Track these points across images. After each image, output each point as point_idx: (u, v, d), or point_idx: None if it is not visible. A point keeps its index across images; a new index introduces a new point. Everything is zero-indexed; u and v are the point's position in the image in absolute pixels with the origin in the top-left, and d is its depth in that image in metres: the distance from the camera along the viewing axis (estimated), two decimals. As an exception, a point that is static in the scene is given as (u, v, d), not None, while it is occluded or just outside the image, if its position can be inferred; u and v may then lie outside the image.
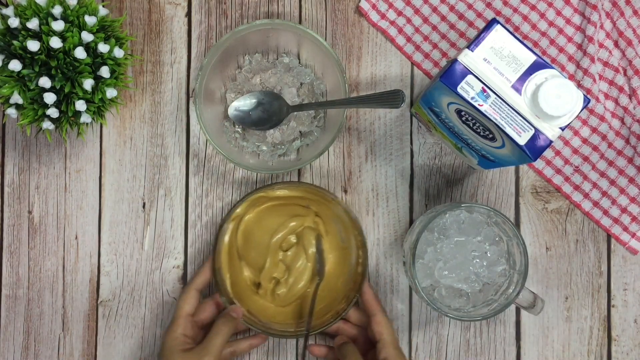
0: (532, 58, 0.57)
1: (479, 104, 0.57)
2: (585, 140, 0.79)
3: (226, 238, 0.76)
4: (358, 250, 0.76)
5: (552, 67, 0.58)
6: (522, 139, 0.57)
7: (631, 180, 0.78)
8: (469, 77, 0.57)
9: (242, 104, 0.76)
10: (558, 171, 0.79)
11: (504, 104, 0.57)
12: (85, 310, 0.79)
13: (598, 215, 0.79)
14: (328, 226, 0.77)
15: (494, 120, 0.57)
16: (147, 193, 0.79)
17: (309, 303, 0.74)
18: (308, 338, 0.72)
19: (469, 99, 0.57)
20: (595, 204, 0.78)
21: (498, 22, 0.58)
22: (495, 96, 0.57)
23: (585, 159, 0.79)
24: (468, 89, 0.57)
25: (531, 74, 0.57)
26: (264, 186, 0.75)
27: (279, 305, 0.77)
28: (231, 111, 0.76)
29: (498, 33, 0.58)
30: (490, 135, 0.60)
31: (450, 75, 0.58)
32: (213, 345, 0.69)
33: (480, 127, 0.60)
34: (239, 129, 0.79)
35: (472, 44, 0.58)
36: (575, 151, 0.79)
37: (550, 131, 0.57)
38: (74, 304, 0.79)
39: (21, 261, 0.79)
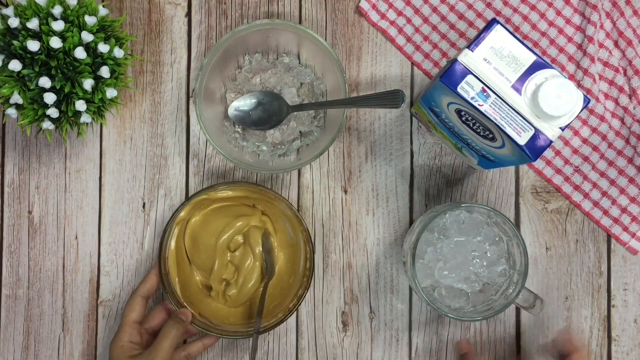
0: (532, 58, 0.57)
1: (479, 104, 0.57)
2: (585, 140, 0.79)
3: (173, 243, 0.75)
4: (305, 245, 0.75)
5: (552, 67, 0.58)
6: (522, 139, 0.57)
7: (631, 180, 0.78)
8: (469, 77, 0.57)
9: (242, 104, 0.76)
10: (558, 171, 0.79)
11: (504, 104, 0.57)
12: (85, 310, 0.79)
13: (598, 215, 0.79)
14: (276, 224, 0.77)
15: (494, 120, 0.57)
16: (147, 193, 0.79)
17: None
18: (258, 338, 0.72)
19: (469, 99, 0.57)
20: (595, 204, 0.78)
21: (498, 22, 0.58)
22: (495, 96, 0.57)
23: (585, 159, 0.79)
24: (468, 89, 0.57)
25: (531, 74, 0.57)
26: (205, 188, 0.74)
27: (232, 306, 0.76)
28: (231, 111, 0.76)
29: (498, 33, 0.58)
30: (490, 135, 0.60)
31: (450, 75, 0.58)
32: (161, 349, 0.69)
33: (480, 127, 0.60)
34: (239, 129, 0.79)
35: (472, 44, 0.58)
36: (575, 151, 0.79)
37: (550, 131, 0.57)
38: (74, 304, 0.79)
39: (21, 261, 0.79)
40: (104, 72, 0.69)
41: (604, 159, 0.78)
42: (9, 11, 0.68)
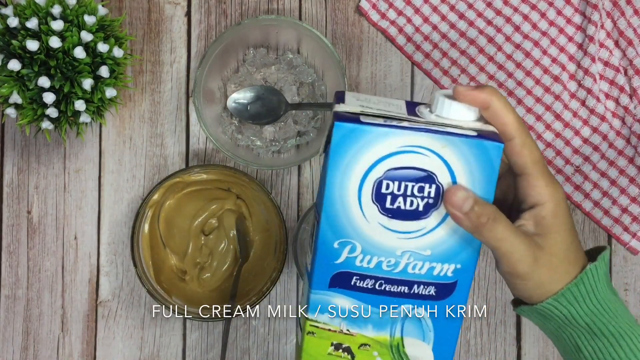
0: (401, 101, 0.48)
1: (414, 119, 0.44)
2: (585, 140, 0.79)
3: (146, 226, 0.75)
4: (279, 230, 0.75)
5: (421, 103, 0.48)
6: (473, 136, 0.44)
7: (632, 180, 0.78)
8: (363, 117, 0.44)
9: (242, 96, 0.76)
10: (559, 171, 0.79)
11: (430, 122, 0.44)
12: (84, 311, 0.79)
13: (599, 216, 0.78)
14: (251, 208, 0.77)
15: (444, 131, 0.43)
16: (147, 193, 0.79)
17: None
18: (230, 322, 0.72)
19: (395, 123, 0.43)
20: (596, 204, 0.78)
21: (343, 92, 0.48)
22: (414, 118, 0.45)
23: (586, 159, 0.78)
24: (373, 121, 0.43)
25: (415, 107, 0.47)
26: (179, 170, 0.74)
27: (207, 290, 0.77)
28: (230, 103, 0.76)
29: (351, 95, 0.47)
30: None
31: (341, 117, 0.43)
32: None
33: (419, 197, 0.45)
34: (236, 121, 0.78)
35: (336, 103, 0.46)
36: (576, 151, 0.79)
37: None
38: (73, 304, 0.79)
39: (20, 261, 0.79)
40: (104, 71, 0.69)
41: (604, 159, 0.78)
42: (8, 11, 0.68)
